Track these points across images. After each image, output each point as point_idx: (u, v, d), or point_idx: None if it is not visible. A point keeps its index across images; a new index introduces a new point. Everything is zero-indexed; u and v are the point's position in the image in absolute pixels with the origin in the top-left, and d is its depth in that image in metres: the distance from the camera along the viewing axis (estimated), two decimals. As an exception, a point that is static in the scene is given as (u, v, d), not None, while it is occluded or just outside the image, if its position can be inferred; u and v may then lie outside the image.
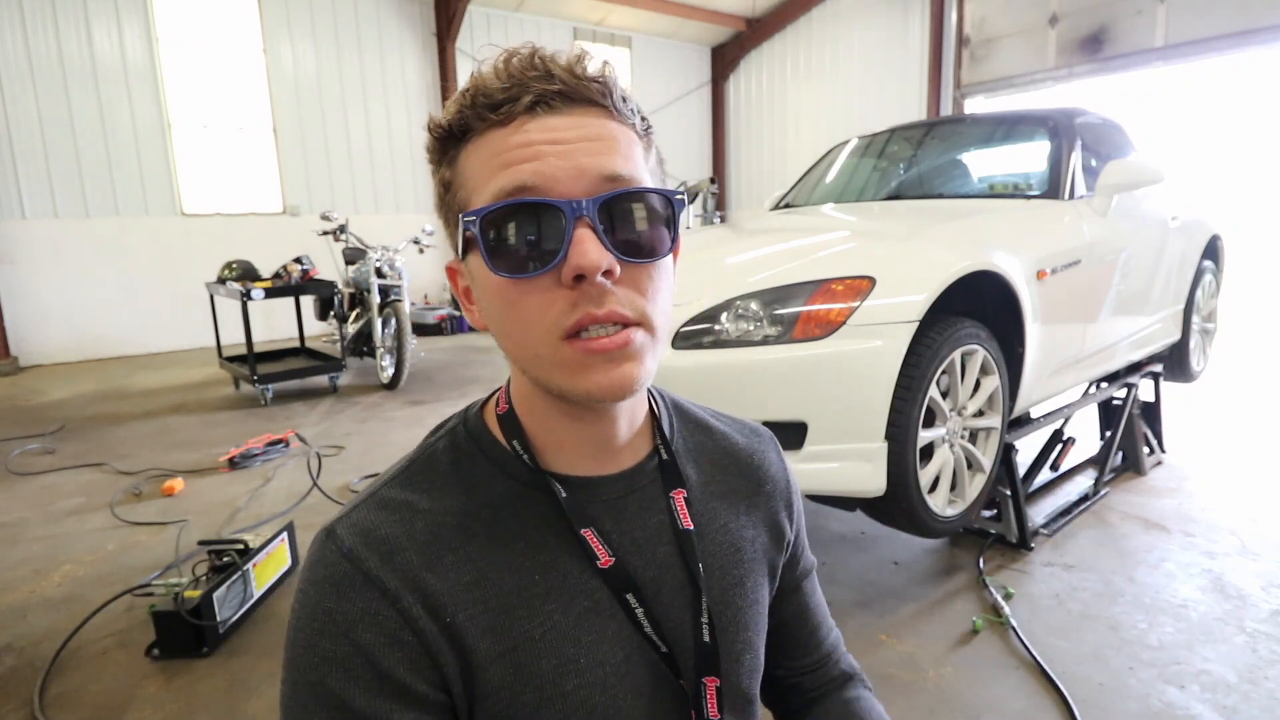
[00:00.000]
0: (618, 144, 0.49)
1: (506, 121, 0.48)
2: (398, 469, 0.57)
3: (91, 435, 3.99)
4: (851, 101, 8.89)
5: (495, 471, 0.56)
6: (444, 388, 4.97)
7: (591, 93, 0.49)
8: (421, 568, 0.51)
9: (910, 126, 3.31)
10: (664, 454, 0.61)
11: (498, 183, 0.47)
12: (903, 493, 1.86)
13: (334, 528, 0.53)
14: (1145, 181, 2.50)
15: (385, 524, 0.52)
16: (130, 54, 6.48)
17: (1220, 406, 3.91)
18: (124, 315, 6.69)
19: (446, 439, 0.59)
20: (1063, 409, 2.67)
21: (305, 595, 0.51)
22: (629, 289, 0.49)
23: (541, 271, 0.47)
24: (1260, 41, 5.75)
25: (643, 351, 0.49)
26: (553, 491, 0.55)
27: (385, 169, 8.02)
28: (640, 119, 0.52)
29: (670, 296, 0.53)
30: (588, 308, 0.47)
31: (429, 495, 0.55)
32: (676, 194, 0.51)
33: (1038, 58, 7.13)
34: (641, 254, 0.49)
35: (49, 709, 1.67)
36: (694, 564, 0.58)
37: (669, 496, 0.60)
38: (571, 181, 0.47)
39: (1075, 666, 1.70)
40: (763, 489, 0.68)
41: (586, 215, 0.46)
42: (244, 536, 2.11)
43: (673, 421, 0.66)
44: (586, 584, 0.55)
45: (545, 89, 0.48)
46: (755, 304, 1.84)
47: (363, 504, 0.54)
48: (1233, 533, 2.39)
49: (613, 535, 0.57)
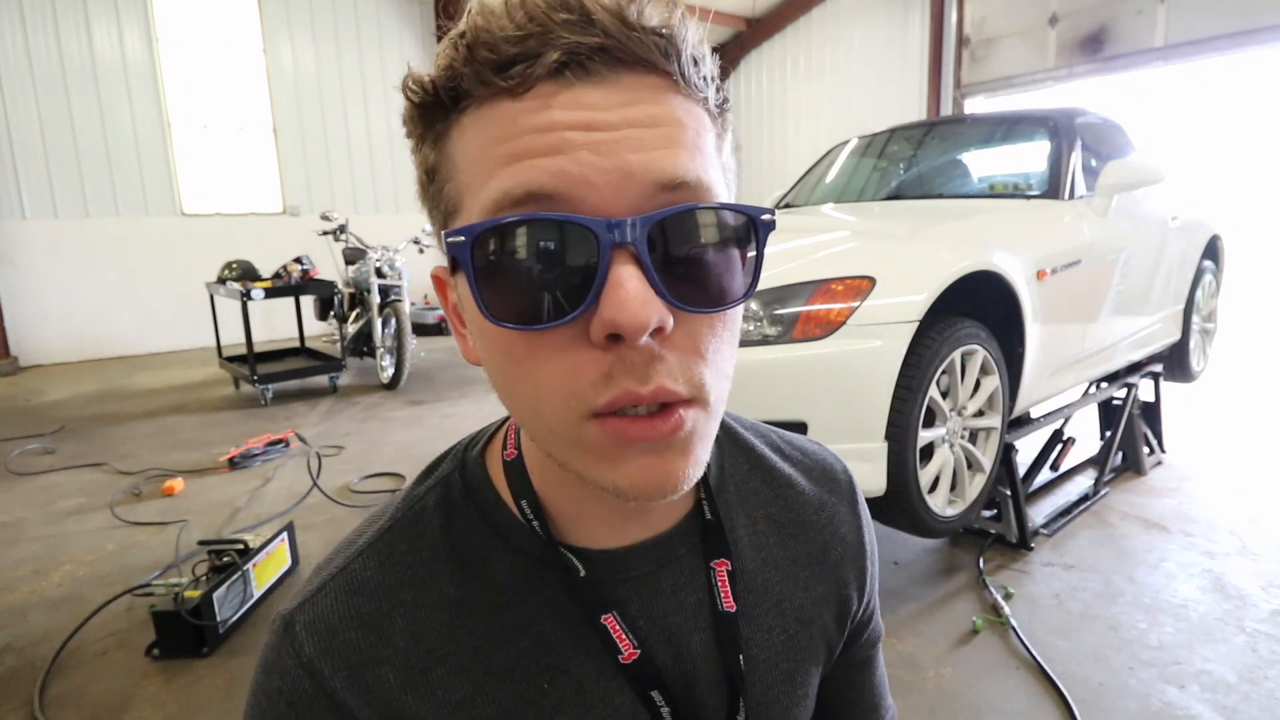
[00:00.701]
0: (684, 132, 0.34)
1: (520, 91, 0.33)
2: (377, 531, 0.45)
3: (91, 435, 3.99)
4: (851, 101, 8.88)
5: (496, 543, 0.44)
6: (444, 388, 4.97)
7: (649, 50, 0.34)
8: (400, 688, 0.41)
9: (910, 126, 3.31)
10: (708, 513, 0.48)
11: (500, 183, 0.33)
12: (903, 493, 1.86)
13: (292, 620, 0.42)
14: (1145, 181, 2.50)
15: (355, 623, 0.41)
16: (130, 54, 6.48)
17: (1220, 406, 3.91)
18: (124, 315, 6.69)
19: (438, 492, 0.46)
20: (1063, 409, 2.67)
21: (258, 706, 0.41)
22: (684, 352, 0.34)
23: (559, 323, 0.33)
24: (1260, 41, 5.74)
25: (694, 439, 0.36)
26: (568, 568, 0.43)
27: (385, 169, 8.02)
28: (715, 90, 0.37)
29: (735, 350, 0.39)
30: (628, 384, 0.33)
31: (413, 577, 0.43)
32: (764, 212, 0.36)
33: (1038, 58, 7.12)
34: (708, 301, 0.35)
35: (49, 709, 1.67)
36: (732, 656, 0.46)
37: (710, 568, 0.47)
38: (611, 189, 0.32)
39: (1075, 666, 1.70)
40: (828, 555, 0.53)
41: (631, 244, 0.32)
42: (244, 536, 2.12)
43: (722, 460, 0.52)
44: (604, 688, 0.43)
45: (580, 42, 0.32)
46: (755, 304, 1.84)
47: (329, 584, 0.43)
48: (1233, 533, 2.39)
49: (639, 621, 0.45)
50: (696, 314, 0.34)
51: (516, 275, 0.33)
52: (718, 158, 0.37)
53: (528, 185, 0.32)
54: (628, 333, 0.32)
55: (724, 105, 0.38)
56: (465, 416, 4.15)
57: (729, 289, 0.35)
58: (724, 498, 0.50)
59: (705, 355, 0.35)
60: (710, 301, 0.35)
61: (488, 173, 0.34)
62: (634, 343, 0.32)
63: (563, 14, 0.32)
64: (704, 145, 0.35)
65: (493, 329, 0.35)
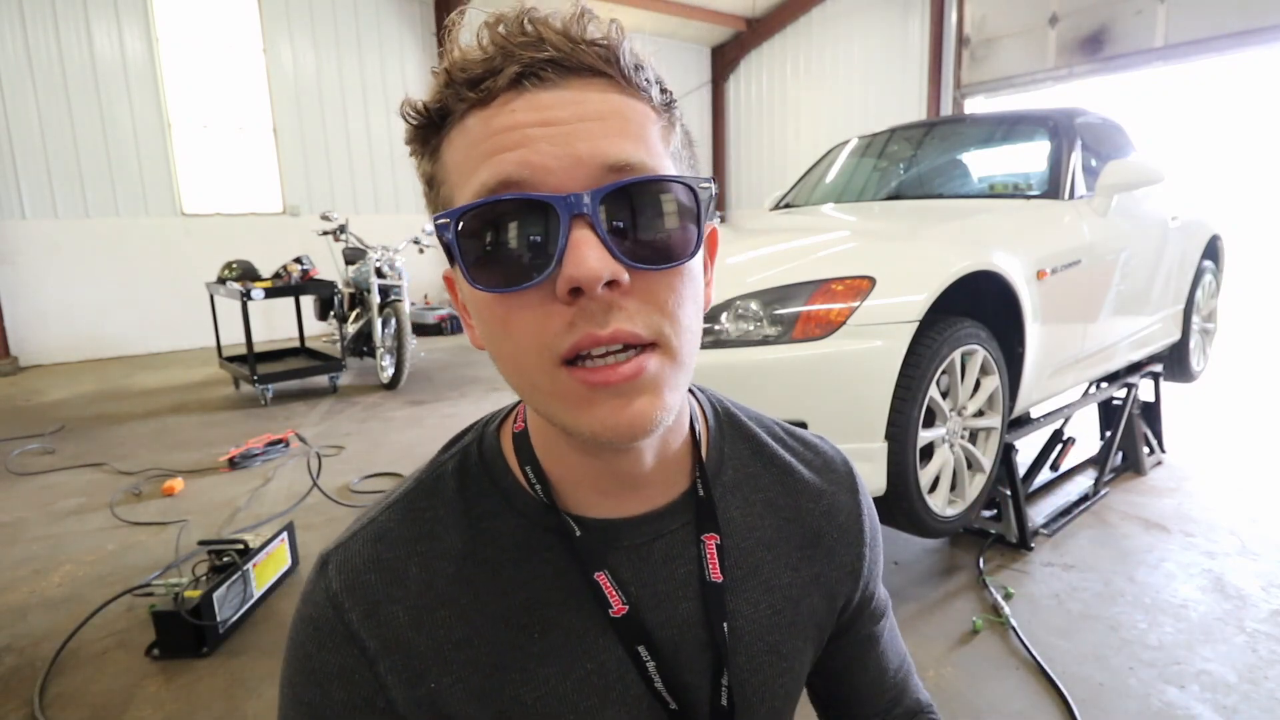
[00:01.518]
0: (626, 123, 0.41)
1: (488, 101, 0.40)
2: (403, 490, 0.52)
3: (91, 435, 3.99)
4: (851, 101, 8.88)
5: (504, 505, 0.50)
6: (444, 388, 4.97)
7: (591, 58, 0.40)
8: (408, 625, 0.47)
9: (910, 126, 3.31)
10: (701, 490, 0.52)
11: (479, 177, 0.40)
12: (903, 493, 1.86)
13: (328, 559, 0.49)
14: (1145, 181, 2.50)
15: (376, 566, 0.48)
16: (130, 54, 6.47)
17: (1220, 406, 3.91)
18: (124, 315, 6.68)
19: (457, 459, 0.53)
20: (1063, 409, 2.67)
21: (296, 628, 0.49)
22: (642, 302, 0.40)
23: (531, 284, 0.39)
24: (1260, 41, 5.74)
25: (660, 381, 0.41)
26: (566, 532, 0.49)
27: (385, 169, 8.02)
28: (659, 90, 0.44)
29: (699, 308, 0.45)
30: (587, 327, 0.39)
31: (429, 530, 0.50)
32: (702, 181, 0.42)
33: (1038, 58, 7.12)
34: (657, 259, 0.41)
35: (49, 709, 1.67)
36: (718, 623, 0.51)
37: (700, 540, 0.52)
38: (567, 172, 0.39)
39: (1075, 666, 1.70)
40: (822, 542, 0.57)
41: (585, 213, 0.38)
42: (244, 536, 2.11)
43: (722, 444, 0.56)
44: (593, 644, 0.49)
45: (534, 56, 0.39)
46: (755, 304, 1.84)
47: (361, 532, 0.50)
48: (1233, 533, 2.39)
49: (630, 586, 0.50)
50: (647, 270, 0.40)
51: (494, 247, 0.40)
52: (664, 146, 0.43)
53: (500, 175, 0.39)
54: (584, 284, 0.38)
55: (669, 103, 0.45)
56: (465, 417, 4.15)
57: (678, 248, 0.41)
58: (721, 479, 0.55)
59: (664, 308, 0.41)
60: (659, 259, 0.41)
61: (471, 170, 0.41)
62: (592, 293, 0.38)
63: (520, 38, 0.40)
64: (647, 135, 0.42)
65: (479, 296, 0.41)
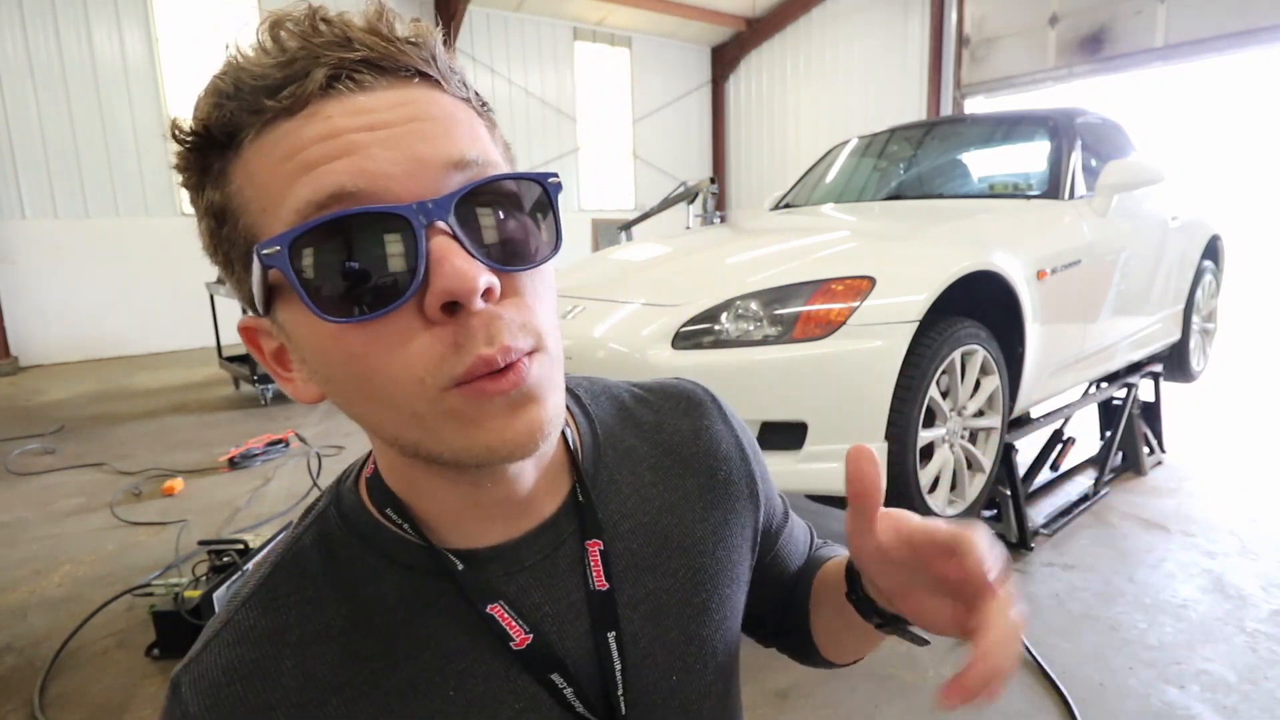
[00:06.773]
0: (458, 123, 0.37)
1: (295, 109, 0.35)
2: (258, 580, 0.45)
3: (91, 435, 3.99)
4: (851, 101, 8.88)
5: (383, 563, 0.44)
6: (444, 388, 4.97)
7: (409, 58, 0.37)
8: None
9: (910, 126, 3.31)
10: (580, 495, 0.48)
11: (300, 193, 0.34)
12: (903, 493, 1.86)
13: (179, 681, 0.42)
14: (1145, 181, 2.50)
15: (239, 674, 0.41)
16: (130, 54, 6.48)
17: (1220, 406, 3.91)
18: (124, 315, 6.68)
19: (315, 529, 0.46)
20: (1063, 409, 2.67)
21: None
22: (516, 310, 0.37)
23: (396, 305, 0.34)
24: (1260, 41, 5.74)
25: (544, 386, 0.38)
26: (451, 571, 0.44)
27: (385, 169, 8.02)
28: (474, 94, 0.41)
29: (555, 306, 0.42)
30: (478, 349, 0.35)
31: (299, 615, 0.42)
32: (549, 176, 0.40)
33: (1038, 58, 7.12)
34: (523, 259, 0.38)
35: (49, 709, 1.67)
36: (602, 634, 0.46)
37: (584, 548, 0.47)
38: (410, 178, 0.35)
39: (1075, 666, 1.70)
40: (716, 477, 0.55)
41: (440, 220, 0.34)
42: (244, 536, 2.11)
43: (595, 431, 0.53)
44: (512, 682, 0.44)
45: (345, 57, 0.35)
46: (755, 304, 1.84)
47: (214, 641, 0.42)
48: (1233, 533, 2.39)
49: (545, 608, 0.45)
50: (515, 273, 0.37)
51: (342, 272, 0.34)
52: (496, 146, 0.41)
53: (329, 189, 0.34)
54: (463, 297, 0.34)
55: (485, 105, 0.42)
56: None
57: (538, 247, 0.39)
58: (604, 464, 0.51)
59: (535, 310, 0.38)
60: (524, 260, 0.38)
61: (282, 189, 0.35)
62: (471, 307, 0.34)
63: (321, 38, 0.35)
64: (480, 133, 0.39)
65: (329, 334, 0.35)
